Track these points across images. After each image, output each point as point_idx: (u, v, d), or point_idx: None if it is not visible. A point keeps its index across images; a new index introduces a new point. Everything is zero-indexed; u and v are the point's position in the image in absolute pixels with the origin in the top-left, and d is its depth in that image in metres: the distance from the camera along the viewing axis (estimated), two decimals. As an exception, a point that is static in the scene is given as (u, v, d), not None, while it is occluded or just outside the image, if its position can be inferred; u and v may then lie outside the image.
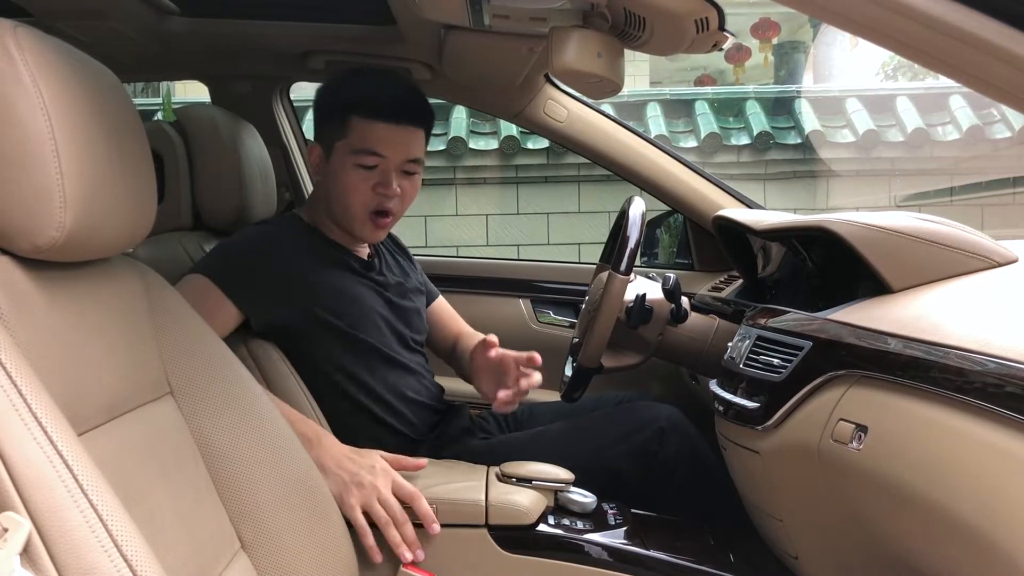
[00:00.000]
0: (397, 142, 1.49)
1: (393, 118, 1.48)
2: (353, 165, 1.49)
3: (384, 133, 1.48)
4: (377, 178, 1.49)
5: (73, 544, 0.65)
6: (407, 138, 1.50)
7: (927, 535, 0.93)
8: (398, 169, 1.50)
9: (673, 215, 2.28)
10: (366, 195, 1.50)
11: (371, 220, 1.52)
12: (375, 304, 1.55)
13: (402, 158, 1.50)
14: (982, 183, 5.47)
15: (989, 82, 0.72)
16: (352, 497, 1.23)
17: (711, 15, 1.14)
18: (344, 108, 1.50)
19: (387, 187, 1.49)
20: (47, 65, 0.79)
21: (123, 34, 1.67)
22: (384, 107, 1.48)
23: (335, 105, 1.53)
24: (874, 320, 1.07)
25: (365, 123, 1.48)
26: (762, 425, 1.22)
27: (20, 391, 0.68)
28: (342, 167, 1.50)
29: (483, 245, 5.46)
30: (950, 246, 1.10)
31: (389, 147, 1.48)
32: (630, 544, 1.32)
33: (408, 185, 1.53)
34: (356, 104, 1.49)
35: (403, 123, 1.49)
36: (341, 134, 1.49)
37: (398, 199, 1.51)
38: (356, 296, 1.52)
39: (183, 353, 1.02)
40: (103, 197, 0.84)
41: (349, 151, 1.49)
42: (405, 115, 1.49)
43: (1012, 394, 0.81)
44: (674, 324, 1.65)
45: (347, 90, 1.53)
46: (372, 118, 1.47)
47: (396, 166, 1.50)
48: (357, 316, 1.50)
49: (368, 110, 1.48)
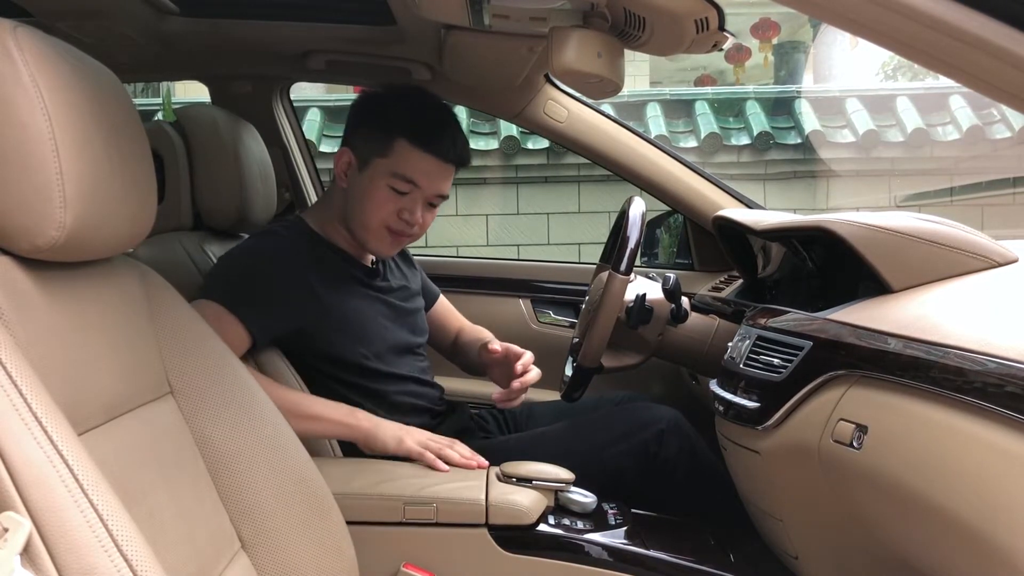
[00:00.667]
0: (435, 177, 1.50)
1: (440, 154, 1.49)
2: (387, 186, 1.48)
3: (427, 166, 1.48)
4: (405, 204, 1.50)
5: (73, 544, 0.65)
6: (444, 175, 1.52)
7: (927, 535, 0.93)
8: (425, 201, 1.52)
9: (673, 215, 2.28)
10: (389, 216, 1.50)
11: (388, 235, 1.52)
12: (377, 313, 1.55)
13: (434, 192, 1.52)
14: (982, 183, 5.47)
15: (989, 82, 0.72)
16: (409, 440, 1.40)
17: (711, 15, 1.14)
18: (392, 126, 1.48)
19: (412, 215, 1.50)
20: (47, 65, 0.79)
21: (123, 34, 1.67)
22: (434, 140, 1.48)
23: (382, 119, 1.51)
24: (874, 320, 1.07)
25: (411, 150, 1.47)
26: (762, 425, 1.22)
27: (20, 391, 0.68)
28: (374, 184, 1.49)
29: (483, 245, 5.46)
30: (950, 246, 1.10)
31: (427, 180, 1.49)
32: (630, 544, 1.32)
33: (429, 217, 1.55)
34: (407, 128, 1.47)
35: (447, 161, 1.50)
36: (383, 152, 1.48)
37: (417, 227, 1.53)
38: (359, 308, 1.52)
39: (183, 353, 1.02)
40: (103, 197, 0.84)
41: (387, 172, 1.48)
42: (452, 154, 1.51)
43: (1012, 394, 0.81)
44: (674, 324, 1.65)
45: (399, 110, 1.51)
46: (420, 148, 1.47)
47: (425, 198, 1.51)
48: (359, 329, 1.50)
49: (418, 139, 1.47)
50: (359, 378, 1.50)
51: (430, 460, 1.37)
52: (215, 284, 1.44)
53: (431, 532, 1.27)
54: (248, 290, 1.41)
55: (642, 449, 1.54)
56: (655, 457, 1.53)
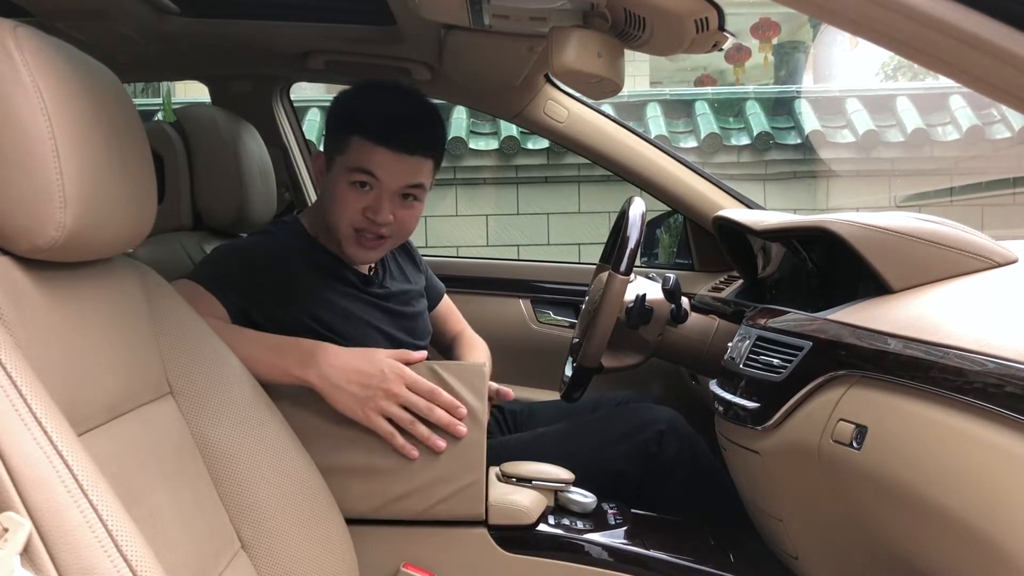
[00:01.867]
0: (396, 170, 1.41)
1: (395, 146, 1.40)
2: (347, 183, 1.42)
3: (382, 159, 1.40)
4: (369, 201, 1.41)
5: (73, 544, 0.65)
6: (409, 166, 1.42)
7: (927, 535, 0.93)
8: (394, 195, 1.42)
9: (673, 215, 2.28)
10: (355, 215, 1.42)
11: (357, 241, 1.44)
12: (372, 319, 1.51)
13: (400, 184, 1.42)
14: (982, 183, 5.47)
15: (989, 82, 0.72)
16: (370, 409, 1.20)
17: (711, 15, 1.14)
18: (347, 124, 1.43)
19: (377, 213, 1.41)
20: (47, 65, 0.79)
21: (123, 34, 1.67)
22: (386, 133, 1.40)
23: (341, 119, 1.46)
24: (874, 320, 1.07)
25: (365, 144, 1.40)
26: (762, 425, 1.22)
27: (20, 391, 0.68)
28: (336, 183, 1.43)
29: (483, 245, 5.46)
30: (950, 246, 1.10)
31: (386, 172, 1.40)
32: (630, 544, 1.32)
33: (404, 213, 1.45)
34: (359, 123, 1.41)
35: (405, 152, 1.41)
36: (341, 148, 1.43)
37: (390, 226, 1.44)
38: (349, 311, 1.48)
39: (183, 353, 1.02)
40: (103, 197, 0.84)
41: (345, 168, 1.42)
42: (408, 145, 1.41)
43: (1012, 394, 0.81)
44: (674, 324, 1.65)
45: (354, 106, 1.46)
46: (374, 141, 1.39)
47: (392, 192, 1.42)
48: (351, 331, 1.46)
49: (370, 133, 1.40)
50: None
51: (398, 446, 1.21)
52: (197, 268, 1.40)
53: (431, 532, 1.27)
54: (228, 272, 1.37)
55: (642, 450, 1.54)
56: (655, 458, 1.53)
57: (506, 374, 1.66)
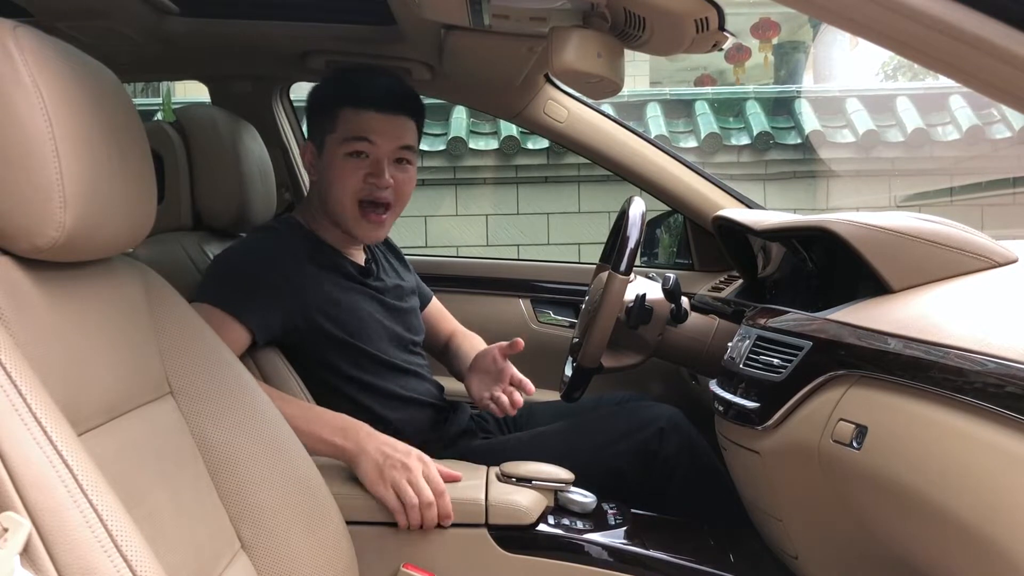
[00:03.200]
0: (386, 130, 1.50)
1: (381, 107, 1.49)
2: (343, 155, 1.49)
3: (373, 122, 1.49)
4: (368, 167, 1.49)
5: (73, 544, 0.65)
6: (397, 126, 1.51)
7: (927, 535, 0.93)
8: (390, 158, 1.51)
9: (673, 215, 2.28)
10: (357, 184, 1.49)
11: (364, 215, 1.51)
12: (372, 310, 1.55)
13: (393, 145, 1.50)
14: (982, 183, 5.47)
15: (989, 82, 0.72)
16: (384, 475, 1.24)
17: (711, 15, 1.14)
18: (333, 102, 1.51)
19: (379, 176, 1.49)
20: (47, 65, 0.78)
21: (123, 34, 1.67)
22: (371, 96, 1.49)
23: (325, 101, 1.54)
24: (874, 320, 1.07)
25: (353, 112, 1.49)
26: (762, 425, 1.22)
27: (20, 391, 0.68)
28: (333, 159, 1.50)
29: (483, 245, 5.45)
30: (950, 246, 1.10)
31: (378, 134, 1.49)
32: (630, 544, 1.32)
33: (402, 177, 1.53)
34: (345, 96, 1.50)
35: (391, 111, 1.50)
36: (331, 127, 1.51)
37: (391, 190, 1.51)
38: (352, 304, 1.52)
39: (183, 353, 1.02)
40: (103, 197, 0.84)
41: (339, 142, 1.50)
42: (393, 104, 1.51)
43: (1012, 394, 0.81)
44: (674, 324, 1.65)
45: (336, 85, 1.56)
46: (360, 107, 1.49)
47: (387, 154, 1.50)
48: (354, 324, 1.50)
49: (356, 100, 1.49)
50: (358, 371, 1.49)
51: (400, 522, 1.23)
52: (207, 286, 1.43)
53: (431, 532, 1.27)
54: (240, 287, 1.40)
55: (642, 448, 1.54)
56: (655, 456, 1.53)
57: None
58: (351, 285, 1.54)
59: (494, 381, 1.55)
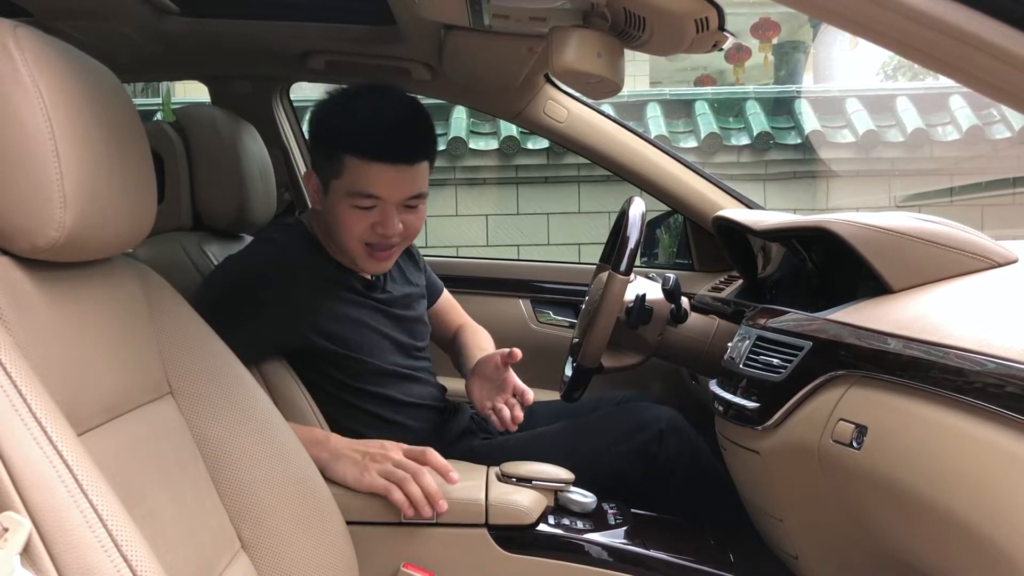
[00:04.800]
0: (396, 183, 1.38)
1: (390, 159, 1.36)
2: (350, 206, 1.39)
3: (381, 176, 1.36)
4: (375, 217, 1.40)
5: (73, 544, 0.65)
6: (407, 178, 1.39)
7: (927, 535, 0.93)
8: (399, 205, 1.41)
9: (673, 215, 2.28)
10: (364, 232, 1.41)
11: (370, 255, 1.45)
12: (377, 324, 1.52)
13: (403, 196, 1.40)
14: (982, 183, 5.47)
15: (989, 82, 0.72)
16: (368, 470, 1.26)
17: (711, 15, 1.14)
18: (337, 144, 1.38)
19: (386, 227, 1.40)
20: (47, 65, 0.79)
21: (123, 34, 1.67)
22: (380, 147, 1.35)
23: (328, 138, 1.42)
24: (874, 320, 1.07)
25: (360, 164, 1.36)
26: (762, 425, 1.22)
27: (20, 391, 0.68)
28: (338, 207, 1.41)
29: (483, 245, 5.45)
30: (950, 246, 1.10)
31: (387, 189, 1.37)
32: (630, 544, 1.32)
33: (412, 218, 1.44)
34: (349, 142, 1.36)
35: (401, 163, 1.37)
36: (335, 172, 1.39)
37: (400, 233, 1.43)
38: (356, 319, 1.49)
39: (183, 353, 1.02)
40: (103, 197, 0.84)
41: (344, 192, 1.38)
42: (404, 155, 1.37)
43: (1012, 394, 0.81)
44: (674, 324, 1.65)
45: (340, 121, 1.40)
46: (367, 159, 1.35)
47: (396, 204, 1.40)
48: (356, 340, 1.47)
49: (362, 151, 1.35)
50: (359, 382, 1.49)
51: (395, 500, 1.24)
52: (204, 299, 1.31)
53: (431, 532, 1.27)
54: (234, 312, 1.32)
55: (642, 449, 1.54)
56: (655, 457, 1.53)
57: (506, 374, 1.66)
58: (355, 299, 1.51)
59: (496, 390, 1.52)
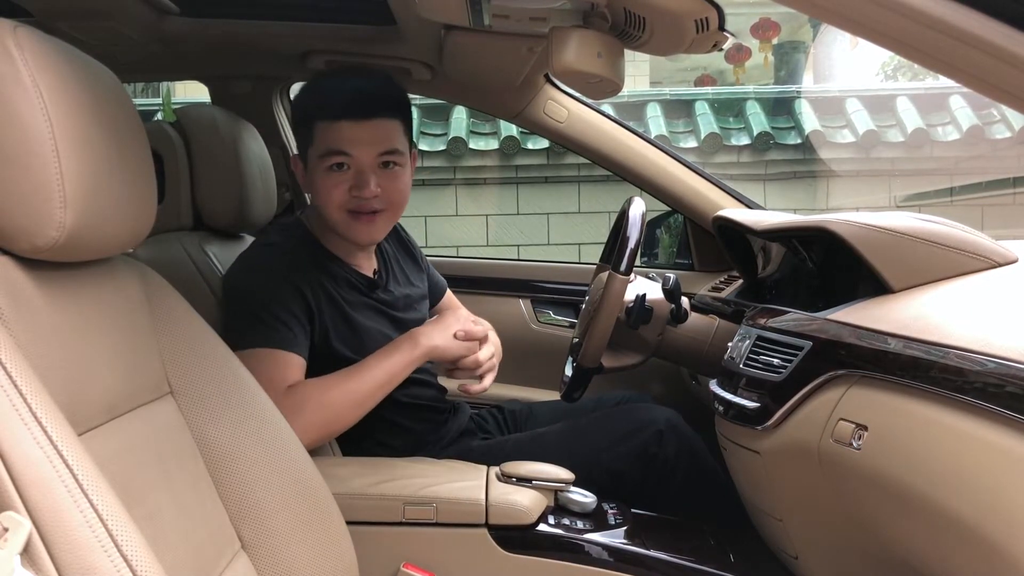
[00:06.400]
0: (363, 138, 1.42)
1: (352, 114, 1.41)
2: (324, 170, 1.43)
3: (347, 132, 1.41)
4: (352, 179, 1.43)
5: (73, 544, 0.65)
6: (374, 132, 1.43)
7: (927, 535, 0.93)
8: (373, 166, 1.44)
9: (673, 215, 2.28)
10: (342, 197, 1.44)
11: (353, 220, 1.46)
12: (379, 325, 1.52)
13: (373, 152, 1.43)
14: (982, 183, 5.47)
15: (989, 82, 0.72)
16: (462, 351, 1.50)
17: (711, 15, 1.14)
18: (308, 115, 1.45)
19: (362, 188, 1.42)
20: (47, 65, 0.79)
21: (123, 34, 1.67)
22: (341, 105, 1.42)
23: (301, 114, 1.50)
24: (874, 320, 1.07)
25: (327, 125, 1.42)
26: (762, 425, 1.22)
27: (20, 391, 0.68)
28: (316, 174, 1.45)
29: (483, 245, 5.45)
30: (950, 246, 1.10)
31: (354, 145, 1.42)
32: (630, 544, 1.32)
33: (390, 182, 1.45)
34: (317, 108, 1.44)
35: (364, 117, 1.42)
36: (310, 141, 1.45)
37: (380, 198, 1.44)
38: (359, 320, 1.49)
39: (183, 353, 1.02)
40: (103, 197, 0.84)
41: (318, 156, 1.43)
42: (365, 109, 1.42)
43: (1012, 394, 0.81)
44: (674, 324, 1.65)
45: (309, 96, 1.50)
46: (332, 119, 1.42)
47: (370, 163, 1.43)
48: (359, 342, 1.47)
49: (327, 112, 1.42)
50: None
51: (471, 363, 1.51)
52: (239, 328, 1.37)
53: (431, 532, 1.27)
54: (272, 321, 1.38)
55: (641, 450, 1.54)
56: (654, 458, 1.53)
57: (506, 374, 1.67)
58: (358, 299, 1.51)
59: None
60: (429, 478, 1.33)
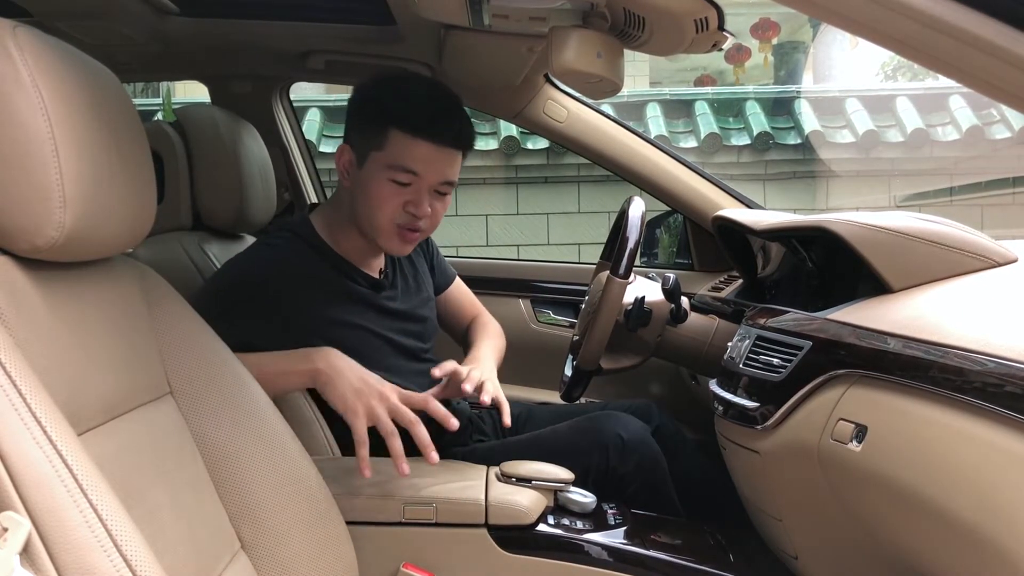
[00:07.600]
0: (435, 163, 1.42)
1: (435, 138, 1.40)
2: (386, 179, 1.41)
3: (424, 153, 1.40)
4: (409, 196, 1.42)
5: (73, 544, 0.65)
6: (446, 160, 1.43)
7: (927, 534, 0.93)
8: (431, 189, 1.44)
9: (673, 215, 2.28)
10: (395, 211, 1.43)
11: (398, 234, 1.45)
12: (379, 327, 1.51)
13: (437, 179, 1.43)
14: (982, 183, 5.47)
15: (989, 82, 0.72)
16: (362, 403, 1.25)
17: (711, 15, 1.14)
18: (385, 117, 1.41)
19: (418, 207, 1.43)
20: (47, 65, 0.79)
21: (123, 34, 1.68)
22: (428, 125, 1.40)
23: (375, 112, 1.44)
24: (874, 320, 1.07)
25: (405, 138, 1.39)
26: (762, 425, 1.22)
27: (20, 391, 0.68)
28: (373, 178, 1.42)
29: (483, 245, 5.46)
30: (950, 246, 1.10)
31: (426, 167, 1.41)
32: (630, 544, 1.32)
33: (439, 206, 1.47)
34: (399, 116, 1.40)
35: (445, 145, 1.42)
36: (377, 144, 1.41)
37: (428, 219, 1.45)
38: (359, 324, 1.48)
39: (183, 353, 1.02)
40: (103, 197, 0.84)
41: (384, 164, 1.41)
42: (448, 137, 1.42)
43: (1012, 394, 0.81)
44: (674, 324, 1.65)
45: (390, 97, 1.44)
46: (413, 135, 1.39)
47: (430, 186, 1.43)
48: (358, 345, 1.45)
49: (410, 126, 1.39)
50: None
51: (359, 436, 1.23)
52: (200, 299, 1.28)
53: (431, 532, 1.27)
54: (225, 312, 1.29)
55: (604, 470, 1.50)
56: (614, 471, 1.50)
57: (506, 374, 1.66)
58: (360, 303, 1.50)
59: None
60: (429, 478, 1.33)
